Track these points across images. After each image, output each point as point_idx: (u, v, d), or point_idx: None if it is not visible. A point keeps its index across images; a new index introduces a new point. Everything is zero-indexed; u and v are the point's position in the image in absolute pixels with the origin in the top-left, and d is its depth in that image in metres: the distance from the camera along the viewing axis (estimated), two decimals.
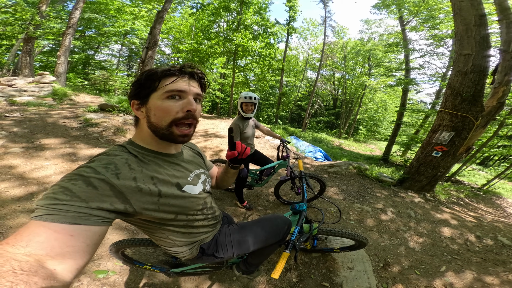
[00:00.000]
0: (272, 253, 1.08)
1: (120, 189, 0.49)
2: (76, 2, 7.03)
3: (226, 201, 2.50)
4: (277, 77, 13.87)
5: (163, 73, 0.58)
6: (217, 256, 0.85)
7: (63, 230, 0.40)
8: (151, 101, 0.58)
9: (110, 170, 0.50)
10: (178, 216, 0.65)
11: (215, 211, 0.86)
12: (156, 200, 0.57)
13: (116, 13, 10.32)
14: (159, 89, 0.57)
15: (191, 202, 0.68)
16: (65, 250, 0.39)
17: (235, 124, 1.95)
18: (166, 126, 0.58)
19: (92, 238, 0.43)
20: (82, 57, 12.44)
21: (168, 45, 12.93)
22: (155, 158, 0.62)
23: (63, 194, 0.43)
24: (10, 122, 3.58)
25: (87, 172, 0.47)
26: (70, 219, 0.41)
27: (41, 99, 5.40)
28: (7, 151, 2.56)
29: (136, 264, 1.15)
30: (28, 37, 7.23)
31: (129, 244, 1.04)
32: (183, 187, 0.65)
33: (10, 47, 9.85)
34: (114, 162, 0.52)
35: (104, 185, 0.47)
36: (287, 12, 12.24)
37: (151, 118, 0.59)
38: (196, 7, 10.17)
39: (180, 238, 0.73)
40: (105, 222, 0.46)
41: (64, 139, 3.29)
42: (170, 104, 0.57)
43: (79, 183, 0.45)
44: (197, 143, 4.53)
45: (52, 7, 8.21)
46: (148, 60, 6.51)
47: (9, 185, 1.99)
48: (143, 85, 0.59)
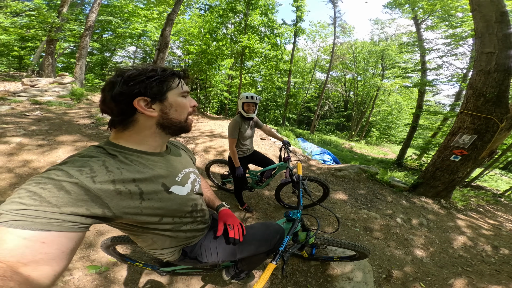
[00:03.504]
0: (261, 262, 1.04)
1: (97, 193, 0.46)
2: (92, 5, 7.39)
3: (226, 202, 2.49)
4: (284, 78, 13.75)
5: (179, 74, 0.65)
6: (200, 260, 0.82)
7: (32, 237, 0.37)
8: (171, 98, 0.62)
9: (85, 173, 0.46)
10: (163, 219, 0.62)
11: (205, 214, 0.83)
12: (138, 203, 0.54)
13: (130, 16, 10.79)
14: (177, 88, 0.63)
15: (178, 204, 0.65)
16: (38, 257, 0.37)
17: (235, 121, 1.93)
18: (184, 119, 0.66)
19: (67, 245, 0.41)
20: (99, 58, 13.11)
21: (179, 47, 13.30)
22: (138, 158, 0.58)
23: (30, 199, 0.39)
24: (30, 121, 3.83)
25: (58, 175, 0.43)
26: (39, 225, 0.38)
27: (60, 98, 5.74)
28: (23, 147, 2.73)
29: (128, 261, 1.17)
30: (50, 39, 7.69)
31: (120, 241, 1.05)
32: (170, 188, 0.62)
33: (35, 49, 10.61)
34: (90, 165, 0.48)
35: (78, 189, 0.44)
36: (294, 12, 12.10)
37: (171, 114, 0.62)
38: (204, 9, 10.38)
39: (164, 241, 0.70)
40: (81, 228, 0.43)
41: (77, 137, 3.46)
42: (185, 101, 0.66)
43: (49, 187, 0.41)
44: (202, 142, 4.58)
45: (71, 10, 8.74)
46: (160, 61, 6.71)
47: (23, 180, 2.11)
48: (161, 82, 0.60)
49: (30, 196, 0.39)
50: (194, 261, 0.82)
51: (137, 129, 0.59)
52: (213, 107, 14.55)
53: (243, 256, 0.91)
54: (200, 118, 7.88)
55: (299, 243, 1.09)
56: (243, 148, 2.11)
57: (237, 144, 2.04)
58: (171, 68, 0.65)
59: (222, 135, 5.27)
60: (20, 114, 4.14)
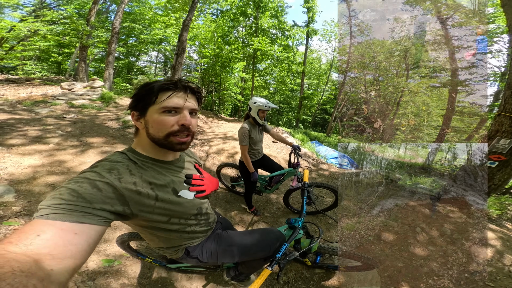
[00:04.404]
0: (261, 267, 1.06)
1: (122, 192, 0.54)
2: (116, 13, 8.00)
3: (235, 205, 2.56)
4: (297, 80, 13.55)
5: (160, 88, 0.62)
6: (201, 260, 0.88)
7: (68, 228, 0.43)
8: (148, 114, 0.63)
9: (114, 175, 0.55)
10: (171, 219, 0.69)
11: (209, 217, 0.88)
12: (153, 203, 0.62)
13: (150, 22, 11.56)
14: (156, 104, 0.62)
15: (185, 207, 0.71)
16: (68, 248, 0.41)
17: (244, 128, 1.95)
18: (163, 137, 0.63)
19: (93, 237, 0.46)
20: (125, 63, 14.20)
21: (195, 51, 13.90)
22: (153, 165, 0.67)
23: (69, 195, 0.46)
24: (67, 123, 4.31)
25: (92, 176, 0.52)
26: (76, 217, 0.44)
27: (92, 102, 6.35)
28: (60, 148, 3.09)
29: (140, 257, 1.28)
30: (82, 45, 8.47)
31: (134, 238, 1.16)
32: (178, 192, 0.70)
33: (70, 54, 11.85)
34: (117, 168, 0.57)
35: (108, 187, 0.52)
36: (305, 13, 11.86)
37: (149, 130, 0.64)
38: (216, 14, 10.72)
39: (169, 240, 0.77)
40: (106, 222, 0.50)
41: (105, 139, 3.80)
42: (166, 118, 0.62)
43: (85, 185, 0.49)
44: (216, 145, 4.72)
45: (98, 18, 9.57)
46: (178, 66, 7.08)
47: (58, 178, 2.37)
48: (142, 99, 0.63)
49: (70, 193, 0.47)
50: (196, 260, 0.88)
51: (140, 137, 0.68)
52: (226, 109, 14.87)
53: (241, 260, 0.94)
54: (215, 120, 8.12)
55: (299, 251, 1.09)
56: (254, 152, 2.16)
57: (248, 149, 2.06)
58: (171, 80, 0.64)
59: (234, 137, 5.38)
60: (59, 116, 4.67)
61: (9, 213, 1.68)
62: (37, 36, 9.75)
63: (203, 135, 5.51)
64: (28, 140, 3.13)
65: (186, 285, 1.42)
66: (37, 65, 11.15)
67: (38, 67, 10.76)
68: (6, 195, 1.87)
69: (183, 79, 0.68)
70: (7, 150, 2.72)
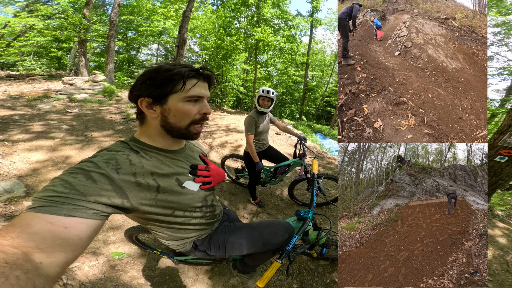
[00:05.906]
0: (268, 259, 1.05)
1: (119, 184, 0.51)
2: (112, 6, 7.82)
3: (239, 196, 2.57)
4: (301, 71, 13.21)
5: (188, 75, 0.59)
6: (208, 254, 0.87)
7: (57, 222, 0.40)
8: (171, 102, 0.59)
9: (111, 165, 0.51)
10: (175, 212, 0.67)
11: (215, 209, 0.87)
12: (154, 195, 0.59)
13: (149, 14, 11.27)
14: (183, 92, 0.59)
15: (189, 199, 0.69)
16: (57, 242, 0.39)
17: (250, 117, 1.95)
18: (185, 126, 0.62)
19: (86, 231, 0.44)
20: (126, 57, 14.03)
21: (196, 43, 13.59)
22: (157, 155, 0.64)
23: (62, 187, 0.44)
24: (70, 117, 4.33)
25: (88, 166, 0.49)
26: (66, 211, 0.42)
27: (94, 96, 6.35)
28: (65, 143, 3.12)
29: (148, 249, 1.30)
30: (81, 40, 8.35)
31: (141, 231, 1.17)
32: (183, 183, 0.67)
33: (70, 49, 11.72)
34: (116, 158, 0.54)
35: (104, 179, 0.48)
36: (309, 3, 11.35)
37: (170, 119, 0.61)
38: (217, 4, 10.36)
39: (175, 233, 0.75)
40: (101, 216, 0.47)
41: (109, 132, 3.82)
42: (190, 108, 0.61)
43: (79, 176, 0.46)
44: (219, 137, 4.71)
45: (95, 11, 9.35)
46: (179, 58, 6.95)
47: None
48: (162, 84, 0.58)
49: (62, 184, 0.44)
50: (203, 253, 0.87)
51: (147, 126, 0.64)
52: (229, 102, 14.72)
53: (249, 252, 0.93)
54: (217, 112, 8.06)
55: (308, 243, 1.08)
56: (259, 143, 2.15)
57: (254, 139, 2.05)
58: (189, 66, 0.61)
59: (237, 129, 5.35)
60: (62, 111, 4.69)
61: (21, 207, 1.72)
62: (33, 31, 9.60)
63: (205, 128, 5.49)
64: (34, 135, 3.16)
65: (192, 277, 1.45)
66: (37, 60, 11.09)
67: (38, 63, 10.71)
68: (16, 190, 1.91)
69: (205, 67, 0.65)
70: (14, 145, 2.76)
